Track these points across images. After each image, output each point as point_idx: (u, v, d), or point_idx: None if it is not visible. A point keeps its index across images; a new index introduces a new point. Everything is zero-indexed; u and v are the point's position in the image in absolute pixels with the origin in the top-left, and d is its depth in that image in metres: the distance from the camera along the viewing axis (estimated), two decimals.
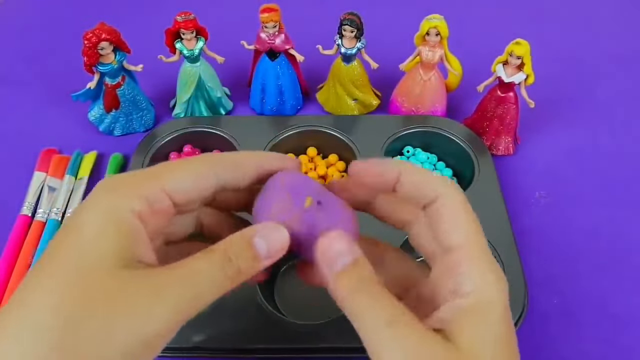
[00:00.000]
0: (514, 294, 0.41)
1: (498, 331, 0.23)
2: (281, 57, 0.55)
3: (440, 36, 0.51)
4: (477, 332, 0.22)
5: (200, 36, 0.53)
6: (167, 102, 0.60)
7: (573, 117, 0.59)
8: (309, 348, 0.39)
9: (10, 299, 0.21)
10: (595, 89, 0.63)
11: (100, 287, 0.20)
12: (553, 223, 0.49)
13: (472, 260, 0.24)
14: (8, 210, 0.49)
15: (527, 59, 0.48)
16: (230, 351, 0.39)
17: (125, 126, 0.56)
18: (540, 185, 0.52)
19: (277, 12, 0.51)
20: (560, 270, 0.46)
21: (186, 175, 0.24)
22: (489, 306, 0.23)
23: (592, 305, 0.44)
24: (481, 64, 0.53)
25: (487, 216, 0.45)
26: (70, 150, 0.54)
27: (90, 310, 0.20)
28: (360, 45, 0.53)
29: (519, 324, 0.40)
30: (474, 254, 0.24)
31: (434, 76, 0.54)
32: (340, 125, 0.53)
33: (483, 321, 0.23)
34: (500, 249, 0.43)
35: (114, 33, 0.50)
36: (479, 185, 0.48)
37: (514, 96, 0.52)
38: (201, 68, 0.54)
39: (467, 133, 0.53)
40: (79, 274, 0.21)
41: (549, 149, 0.56)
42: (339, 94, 0.57)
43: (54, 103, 0.60)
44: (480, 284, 0.23)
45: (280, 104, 0.57)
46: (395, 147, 0.53)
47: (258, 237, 0.24)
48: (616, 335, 0.42)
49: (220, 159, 0.26)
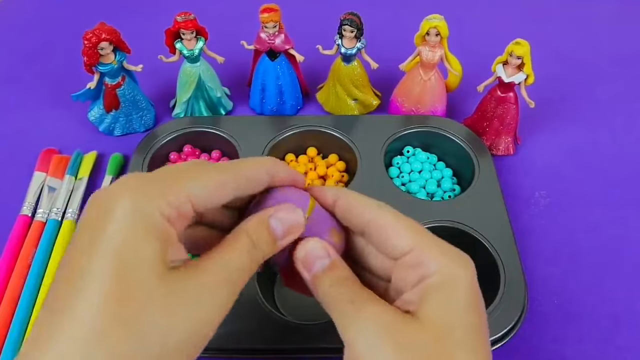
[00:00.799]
0: (514, 294, 0.41)
1: (464, 301, 0.23)
2: (281, 57, 0.55)
3: (440, 36, 0.51)
4: (443, 303, 0.23)
5: (200, 36, 0.53)
6: (167, 102, 0.60)
7: (573, 117, 0.59)
8: (309, 348, 0.39)
9: (51, 306, 0.21)
10: (595, 89, 0.63)
11: (147, 288, 0.21)
12: (553, 223, 0.49)
13: (431, 248, 0.25)
14: (8, 210, 0.49)
15: (527, 59, 0.48)
16: (231, 351, 0.39)
17: (125, 126, 0.56)
18: (540, 185, 0.52)
19: (277, 12, 0.51)
20: (560, 270, 0.46)
21: (209, 184, 0.24)
22: (454, 280, 0.24)
23: (592, 305, 0.44)
24: (481, 64, 0.53)
25: (487, 216, 0.46)
26: (70, 150, 0.54)
27: (150, 303, 0.21)
28: (360, 45, 0.53)
29: (519, 324, 0.40)
30: (429, 244, 0.25)
31: (434, 76, 0.54)
32: (340, 125, 0.53)
33: (449, 294, 0.23)
34: (500, 249, 0.43)
35: (114, 33, 0.50)
36: (479, 185, 0.48)
37: (514, 96, 0.52)
38: (201, 68, 0.54)
39: (467, 133, 0.53)
40: (123, 278, 0.21)
41: (549, 149, 0.56)
42: (339, 94, 0.57)
43: (54, 103, 0.60)
44: (443, 262, 0.24)
45: (280, 104, 0.57)
46: (395, 147, 0.53)
47: (274, 219, 0.25)
48: (616, 335, 0.42)
49: (240, 169, 0.26)
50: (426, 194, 0.50)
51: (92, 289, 0.20)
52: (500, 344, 0.39)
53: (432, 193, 0.51)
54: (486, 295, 0.41)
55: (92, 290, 0.20)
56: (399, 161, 0.53)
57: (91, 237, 0.21)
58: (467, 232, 0.44)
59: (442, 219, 0.45)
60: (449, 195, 0.50)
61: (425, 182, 0.51)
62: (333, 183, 0.51)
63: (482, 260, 0.44)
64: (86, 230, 0.22)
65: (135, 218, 0.22)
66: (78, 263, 0.21)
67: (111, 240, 0.21)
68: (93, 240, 0.21)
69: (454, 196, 0.50)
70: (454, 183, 0.52)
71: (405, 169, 0.52)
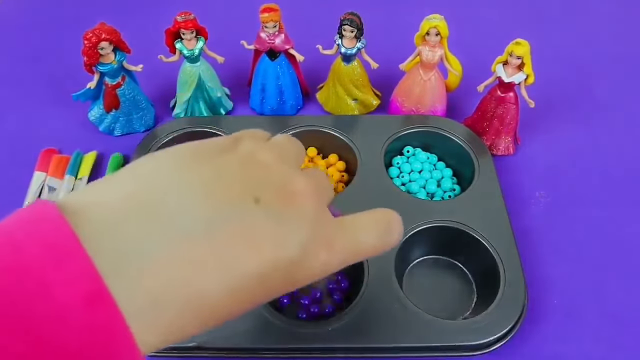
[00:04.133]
0: (514, 294, 0.41)
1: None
2: (281, 57, 0.55)
3: (440, 36, 0.51)
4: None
5: (200, 36, 0.53)
6: (167, 102, 0.60)
7: (573, 117, 0.59)
8: (309, 348, 0.39)
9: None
10: (595, 89, 0.63)
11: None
12: (553, 223, 0.49)
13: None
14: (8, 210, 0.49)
15: (527, 59, 0.48)
16: (231, 351, 0.39)
17: (125, 126, 0.56)
18: (540, 185, 0.52)
19: (277, 12, 0.51)
20: (560, 270, 0.46)
21: None
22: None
23: (592, 305, 0.44)
24: (481, 64, 0.53)
25: (487, 216, 0.46)
26: (70, 150, 0.54)
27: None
28: (360, 45, 0.53)
29: (519, 324, 0.40)
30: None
31: (434, 76, 0.54)
32: (340, 125, 0.53)
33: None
34: (500, 249, 0.43)
35: (114, 33, 0.50)
36: (479, 185, 0.48)
37: (514, 96, 0.52)
38: (201, 68, 0.54)
39: (467, 133, 0.53)
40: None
41: (549, 149, 0.56)
42: (339, 94, 0.57)
43: (54, 103, 0.60)
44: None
45: (280, 104, 0.57)
46: (395, 147, 0.53)
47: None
48: (616, 335, 0.42)
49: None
50: (426, 194, 0.50)
51: None
52: (500, 344, 0.39)
53: (432, 193, 0.51)
54: (486, 295, 0.42)
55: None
56: (399, 161, 0.53)
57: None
58: (467, 232, 0.44)
59: (442, 219, 0.45)
60: (449, 195, 0.50)
61: (425, 182, 0.51)
62: (333, 183, 0.51)
63: (482, 260, 0.44)
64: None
65: None
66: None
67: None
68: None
69: (454, 196, 0.50)
70: (454, 183, 0.52)
71: (405, 169, 0.52)
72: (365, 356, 0.39)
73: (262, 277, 0.21)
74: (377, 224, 0.27)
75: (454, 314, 0.43)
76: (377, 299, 0.40)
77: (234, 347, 0.39)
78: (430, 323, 0.39)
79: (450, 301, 0.44)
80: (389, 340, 0.39)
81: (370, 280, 0.41)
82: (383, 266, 0.42)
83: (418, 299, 0.41)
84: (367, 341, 0.39)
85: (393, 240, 0.27)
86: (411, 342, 0.39)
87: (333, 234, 0.24)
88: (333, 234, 0.24)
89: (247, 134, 0.27)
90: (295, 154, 0.28)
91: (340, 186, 0.51)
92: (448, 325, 0.39)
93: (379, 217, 0.27)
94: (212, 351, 0.39)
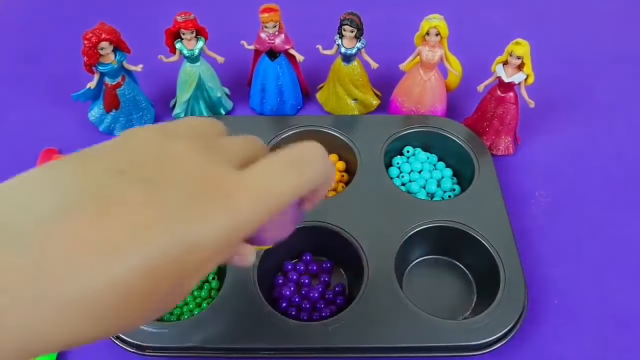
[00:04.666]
0: (514, 294, 0.41)
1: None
2: (281, 57, 0.55)
3: (440, 36, 0.51)
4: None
5: (200, 36, 0.53)
6: (167, 102, 0.60)
7: (573, 117, 0.59)
8: (309, 348, 0.39)
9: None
10: (595, 89, 0.63)
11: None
12: (553, 223, 0.49)
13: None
14: None
15: (527, 59, 0.48)
16: (230, 351, 0.39)
17: (125, 126, 0.56)
18: (540, 185, 0.52)
19: (277, 12, 0.51)
20: (560, 270, 0.46)
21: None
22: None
23: (592, 305, 0.44)
24: (481, 64, 0.53)
25: (487, 216, 0.46)
26: (70, 150, 0.54)
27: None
28: (360, 45, 0.53)
29: (519, 324, 0.40)
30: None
31: (434, 76, 0.54)
32: (340, 125, 0.53)
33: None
34: (500, 249, 0.43)
35: (114, 33, 0.50)
36: (479, 185, 0.48)
37: (514, 96, 0.52)
38: (201, 68, 0.54)
39: (467, 133, 0.53)
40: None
41: (549, 149, 0.56)
42: (339, 94, 0.57)
43: (54, 103, 0.60)
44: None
45: (280, 104, 0.57)
46: (395, 147, 0.53)
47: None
48: (616, 335, 0.42)
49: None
50: (426, 194, 0.50)
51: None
52: (500, 344, 0.39)
53: (432, 193, 0.51)
54: (486, 295, 0.42)
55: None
56: (399, 161, 0.53)
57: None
58: (467, 232, 0.44)
59: (442, 219, 0.45)
60: (449, 195, 0.50)
61: (425, 182, 0.51)
62: (333, 183, 0.51)
63: (482, 260, 0.44)
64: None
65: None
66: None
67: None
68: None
69: (454, 196, 0.50)
70: (454, 183, 0.52)
71: (405, 169, 0.52)
72: (365, 356, 0.39)
73: (145, 264, 0.18)
74: (286, 158, 0.23)
75: (454, 314, 0.43)
76: (377, 299, 0.40)
77: (234, 347, 0.39)
78: (430, 323, 0.39)
79: (450, 301, 0.44)
80: (389, 340, 0.39)
81: (370, 281, 0.41)
82: (383, 266, 0.42)
83: (418, 299, 0.41)
84: (367, 341, 0.39)
85: (313, 170, 0.23)
86: (411, 342, 0.39)
87: (231, 188, 0.21)
88: (231, 188, 0.21)
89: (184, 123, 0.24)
90: (239, 148, 0.25)
91: (340, 186, 0.51)
92: (448, 325, 0.39)
93: (287, 152, 0.23)
94: (212, 351, 0.39)
